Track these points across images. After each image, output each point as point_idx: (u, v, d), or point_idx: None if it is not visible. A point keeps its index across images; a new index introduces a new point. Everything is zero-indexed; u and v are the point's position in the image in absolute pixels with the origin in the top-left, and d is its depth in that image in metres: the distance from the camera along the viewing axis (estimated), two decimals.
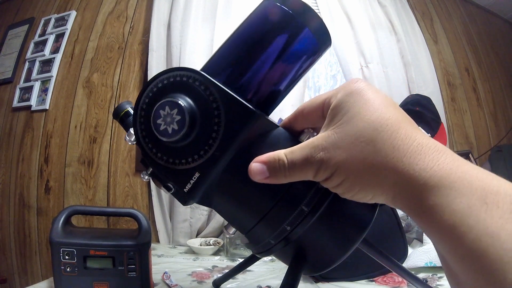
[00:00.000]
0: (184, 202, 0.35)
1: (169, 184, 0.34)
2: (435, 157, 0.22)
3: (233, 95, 0.30)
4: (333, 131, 0.25)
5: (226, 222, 0.38)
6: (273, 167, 0.27)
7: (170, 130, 0.30)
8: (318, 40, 0.35)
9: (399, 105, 1.37)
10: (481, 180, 0.21)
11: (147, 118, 0.32)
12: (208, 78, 0.31)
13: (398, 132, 0.23)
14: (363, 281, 0.71)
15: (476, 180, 0.21)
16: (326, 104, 0.27)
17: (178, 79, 0.32)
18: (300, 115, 0.30)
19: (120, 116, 0.43)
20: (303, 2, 0.34)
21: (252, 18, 0.36)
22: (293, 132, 0.32)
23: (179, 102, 0.30)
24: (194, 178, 0.32)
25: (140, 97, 0.33)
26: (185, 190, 0.32)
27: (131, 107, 0.44)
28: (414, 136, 0.23)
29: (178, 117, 0.30)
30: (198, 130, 0.31)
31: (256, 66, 0.34)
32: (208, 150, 0.31)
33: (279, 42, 0.34)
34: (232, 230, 0.36)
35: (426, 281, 0.66)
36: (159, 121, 0.31)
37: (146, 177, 0.35)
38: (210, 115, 0.30)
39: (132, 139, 0.35)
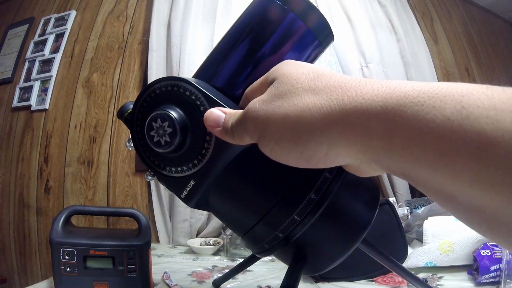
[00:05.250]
0: (187, 202, 0.36)
1: None
2: (369, 86, 0.18)
3: (223, 106, 0.30)
4: (266, 92, 0.24)
5: None
6: (225, 127, 0.27)
7: (163, 141, 0.30)
8: (318, 35, 0.34)
9: None
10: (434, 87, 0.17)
11: (143, 128, 0.32)
12: (198, 87, 0.31)
13: (317, 80, 0.21)
14: (363, 281, 0.71)
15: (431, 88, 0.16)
16: (264, 81, 0.27)
17: (169, 89, 0.32)
18: (246, 100, 0.29)
19: (124, 116, 0.44)
20: None
21: (245, 16, 0.35)
22: None
23: (170, 114, 0.30)
24: (190, 185, 0.32)
25: (135, 107, 0.34)
26: (181, 196, 0.32)
27: None
28: (337, 77, 0.21)
29: (170, 130, 0.30)
30: (190, 141, 0.31)
31: (253, 65, 0.34)
32: (201, 159, 0.31)
33: (275, 39, 0.33)
34: (230, 231, 0.37)
35: (426, 281, 0.66)
36: (152, 133, 0.31)
37: (150, 177, 0.35)
38: (202, 126, 0.30)
39: (132, 145, 0.36)
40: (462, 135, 0.14)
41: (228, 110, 0.28)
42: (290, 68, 0.24)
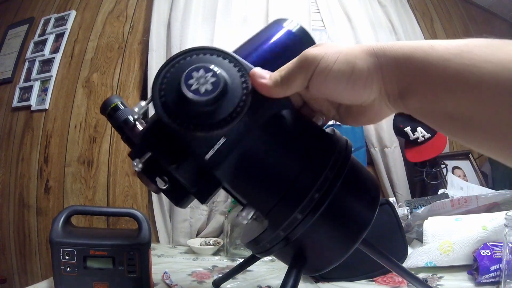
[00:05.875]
0: (176, 202, 0.35)
1: (164, 178, 0.33)
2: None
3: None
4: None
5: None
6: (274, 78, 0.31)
7: (202, 90, 0.30)
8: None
9: None
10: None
11: (171, 84, 0.31)
12: (235, 56, 0.32)
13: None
14: (363, 281, 0.71)
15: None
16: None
17: (208, 54, 0.32)
18: None
19: (108, 111, 0.41)
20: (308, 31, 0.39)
21: (270, 38, 0.39)
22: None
23: (214, 67, 0.31)
24: (219, 144, 0.31)
25: (163, 68, 0.32)
26: (206, 158, 0.31)
27: (121, 102, 0.42)
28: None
29: (213, 79, 0.30)
30: (228, 96, 0.31)
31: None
32: (236, 116, 0.30)
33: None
34: (250, 214, 0.34)
35: (426, 281, 0.66)
36: (190, 82, 0.30)
37: (140, 165, 0.33)
38: (239, 85, 0.31)
39: (140, 112, 0.34)
40: (440, 61, 0.23)
41: (271, 72, 0.31)
42: (324, 42, 0.32)
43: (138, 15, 1.53)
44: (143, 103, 0.34)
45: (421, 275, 0.70)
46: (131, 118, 0.40)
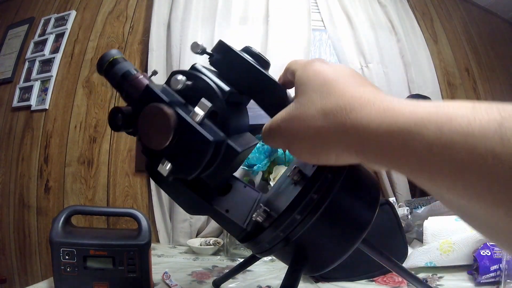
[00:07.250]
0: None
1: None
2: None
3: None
4: (293, 103, 0.28)
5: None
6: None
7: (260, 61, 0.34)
8: None
9: None
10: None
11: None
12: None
13: (328, 98, 0.26)
14: (363, 281, 0.71)
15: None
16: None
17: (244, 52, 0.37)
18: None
19: (104, 67, 0.37)
20: None
21: None
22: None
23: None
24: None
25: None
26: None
27: (122, 56, 0.39)
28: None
29: (261, 54, 0.35)
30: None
31: None
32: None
33: None
34: None
35: (426, 281, 0.66)
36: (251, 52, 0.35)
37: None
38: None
39: (200, 48, 0.34)
40: (401, 139, 0.20)
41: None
42: (309, 79, 0.28)
43: (138, 15, 1.54)
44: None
45: (421, 275, 0.70)
46: (132, 71, 0.36)
